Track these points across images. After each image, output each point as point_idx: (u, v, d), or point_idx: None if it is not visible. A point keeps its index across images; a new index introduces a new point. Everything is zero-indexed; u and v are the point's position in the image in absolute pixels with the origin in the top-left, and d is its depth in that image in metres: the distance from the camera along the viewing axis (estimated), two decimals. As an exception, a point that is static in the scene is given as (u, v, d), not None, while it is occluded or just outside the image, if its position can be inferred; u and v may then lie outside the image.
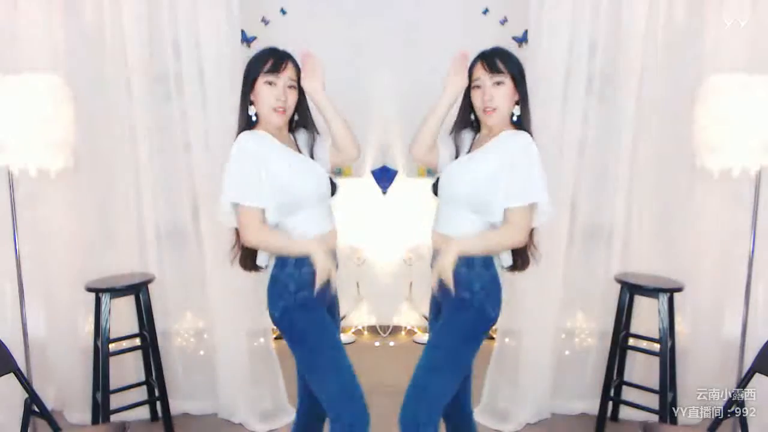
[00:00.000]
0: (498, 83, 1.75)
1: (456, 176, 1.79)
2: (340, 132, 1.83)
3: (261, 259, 1.85)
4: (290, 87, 1.77)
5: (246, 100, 1.79)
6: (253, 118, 1.79)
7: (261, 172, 1.71)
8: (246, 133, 1.74)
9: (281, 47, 1.81)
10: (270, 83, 1.74)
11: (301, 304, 1.75)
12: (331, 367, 1.70)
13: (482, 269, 1.77)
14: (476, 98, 1.79)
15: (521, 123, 1.80)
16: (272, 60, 1.75)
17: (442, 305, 1.84)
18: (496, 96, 1.75)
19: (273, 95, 1.74)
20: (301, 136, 1.89)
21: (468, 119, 1.89)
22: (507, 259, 1.85)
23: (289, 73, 1.76)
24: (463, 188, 1.76)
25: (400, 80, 3.80)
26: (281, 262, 1.78)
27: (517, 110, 1.79)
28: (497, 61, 1.75)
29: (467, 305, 1.75)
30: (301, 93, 1.83)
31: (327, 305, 1.84)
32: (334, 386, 1.68)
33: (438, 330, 1.78)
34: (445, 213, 1.84)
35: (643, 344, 2.70)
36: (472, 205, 1.76)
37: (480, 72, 1.77)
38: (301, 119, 1.89)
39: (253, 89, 1.76)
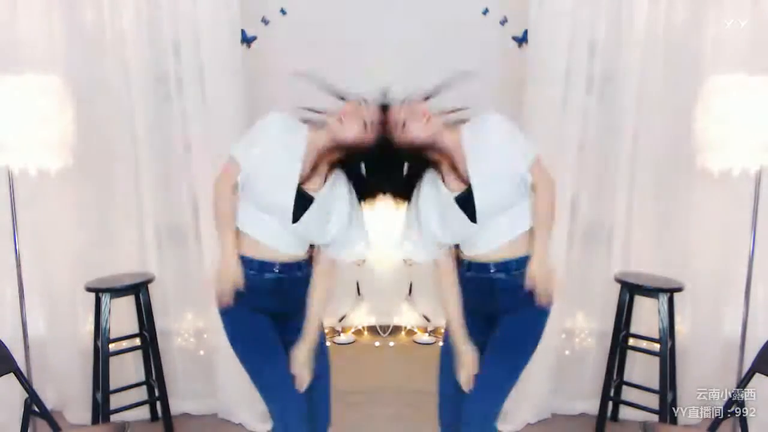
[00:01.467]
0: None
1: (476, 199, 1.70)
2: None
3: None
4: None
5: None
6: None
7: (263, 143, 1.72)
8: (277, 113, 1.74)
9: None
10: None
11: (223, 311, 1.82)
12: (254, 373, 1.76)
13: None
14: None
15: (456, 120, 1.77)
16: None
17: (504, 309, 1.80)
18: (414, 131, 1.73)
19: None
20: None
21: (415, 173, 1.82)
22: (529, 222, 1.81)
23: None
24: (494, 197, 1.70)
25: (400, 80, 3.79)
26: None
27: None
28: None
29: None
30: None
31: (272, 309, 1.82)
32: (260, 389, 1.76)
33: (513, 331, 1.78)
34: (478, 233, 1.75)
35: (643, 344, 2.70)
36: (506, 206, 1.73)
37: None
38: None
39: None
